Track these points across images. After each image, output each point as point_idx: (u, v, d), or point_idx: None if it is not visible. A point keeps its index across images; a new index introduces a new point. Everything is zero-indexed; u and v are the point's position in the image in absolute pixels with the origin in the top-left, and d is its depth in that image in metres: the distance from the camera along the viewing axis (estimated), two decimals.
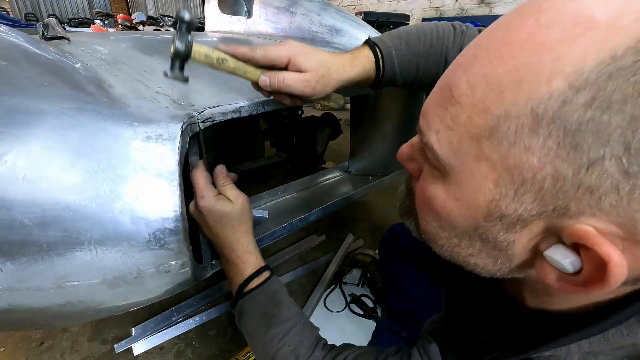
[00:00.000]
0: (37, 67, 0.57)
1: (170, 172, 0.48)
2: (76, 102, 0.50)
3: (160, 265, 0.51)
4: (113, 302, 0.54)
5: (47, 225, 0.44)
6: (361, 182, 1.21)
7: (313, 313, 1.03)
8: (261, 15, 1.27)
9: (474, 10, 3.35)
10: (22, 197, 0.43)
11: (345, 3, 4.49)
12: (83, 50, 0.78)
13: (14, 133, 0.44)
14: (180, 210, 0.49)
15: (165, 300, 0.65)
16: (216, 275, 0.67)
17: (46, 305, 0.50)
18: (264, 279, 0.60)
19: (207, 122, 0.56)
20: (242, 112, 0.60)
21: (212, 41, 1.19)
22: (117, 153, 0.47)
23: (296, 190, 1.13)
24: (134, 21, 5.29)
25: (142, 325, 0.95)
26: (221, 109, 0.57)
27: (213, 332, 0.98)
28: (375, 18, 3.02)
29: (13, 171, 0.43)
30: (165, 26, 4.75)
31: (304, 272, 1.21)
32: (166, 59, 0.81)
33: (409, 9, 3.80)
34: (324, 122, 1.63)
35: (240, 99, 0.62)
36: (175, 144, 0.49)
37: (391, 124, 1.19)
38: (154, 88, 0.62)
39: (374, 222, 1.57)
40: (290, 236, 0.91)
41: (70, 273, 0.47)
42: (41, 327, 0.94)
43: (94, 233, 0.46)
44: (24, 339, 0.95)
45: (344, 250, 1.31)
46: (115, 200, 0.46)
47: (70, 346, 0.93)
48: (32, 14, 7.50)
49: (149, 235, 0.48)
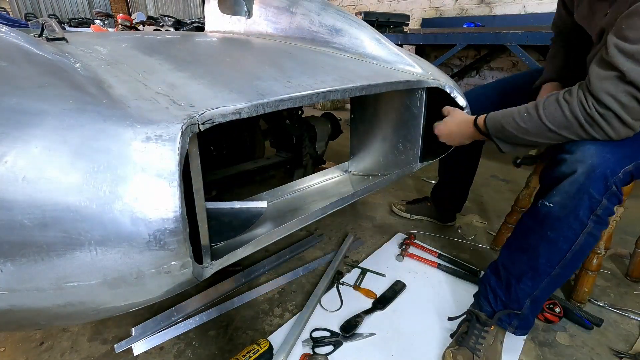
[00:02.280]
0: (37, 67, 0.57)
1: (170, 173, 0.48)
2: (76, 103, 0.50)
3: (160, 265, 0.51)
4: (113, 303, 0.54)
5: (47, 226, 0.44)
6: (361, 182, 1.21)
7: (313, 313, 1.03)
8: (261, 15, 1.27)
9: (474, 10, 3.34)
10: (22, 197, 0.43)
11: (345, 3, 4.49)
12: (83, 50, 0.78)
13: (14, 134, 0.44)
14: (180, 211, 0.49)
15: (165, 300, 0.65)
16: (216, 275, 0.67)
17: (46, 305, 0.50)
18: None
19: (207, 124, 0.56)
20: (242, 113, 0.60)
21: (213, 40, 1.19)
22: (117, 154, 0.47)
23: (296, 190, 1.13)
24: (134, 21, 5.29)
25: (142, 325, 0.96)
26: (221, 111, 0.57)
27: (213, 332, 0.98)
28: (375, 18, 3.01)
29: (13, 172, 0.43)
30: (165, 26, 4.75)
31: (304, 272, 1.21)
32: (166, 59, 0.81)
33: (409, 9, 3.79)
34: (324, 122, 1.63)
35: (240, 100, 0.61)
36: (175, 145, 0.49)
37: (391, 124, 1.19)
38: (154, 88, 0.62)
39: (374, 222, 1.57)
40: (290, 236, 0.91)
41: (71, 274, 0.47)
42: (41, 328, 0.94)
43: (94, 234, 0.46)
44: (24, 339, 0.95)
45: (344, 250, 1.31)
46: (115, 201, 0.46)
47: (70, 346, 0.93)
48: (32, 14, 7.50)
49: (149, 236, 0.48)
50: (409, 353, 0.92)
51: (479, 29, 2.79)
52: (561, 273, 0.80)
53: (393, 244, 1.40)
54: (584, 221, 0.73)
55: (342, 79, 0.83)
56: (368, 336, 0.96)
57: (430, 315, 1.04)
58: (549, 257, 0.79)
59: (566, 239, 0.76)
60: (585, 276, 1.06)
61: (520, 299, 0.84)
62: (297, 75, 0.80)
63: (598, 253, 1.04)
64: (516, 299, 0.84)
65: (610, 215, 0.74)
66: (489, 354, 0.86)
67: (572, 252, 0.76)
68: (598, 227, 0.74)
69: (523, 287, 0.83)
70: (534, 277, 0.81)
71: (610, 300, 1.11)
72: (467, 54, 3.48)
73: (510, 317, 0.86)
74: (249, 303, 1.08)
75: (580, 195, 0.71)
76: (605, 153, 0.70)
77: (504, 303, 0.86)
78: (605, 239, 1.03)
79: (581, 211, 0.72)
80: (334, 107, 3.95)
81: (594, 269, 1.04)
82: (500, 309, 0.87)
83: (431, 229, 1.52)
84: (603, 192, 0.71)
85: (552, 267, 0.79)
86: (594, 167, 0.70)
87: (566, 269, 0.79)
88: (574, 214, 0.73)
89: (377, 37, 1.09)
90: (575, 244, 0.76)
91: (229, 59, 0.92)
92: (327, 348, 0.92)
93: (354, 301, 1.09)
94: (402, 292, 1.13)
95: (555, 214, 0.75)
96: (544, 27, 2.22)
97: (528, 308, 0.85)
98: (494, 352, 0.87)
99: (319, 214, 0.85)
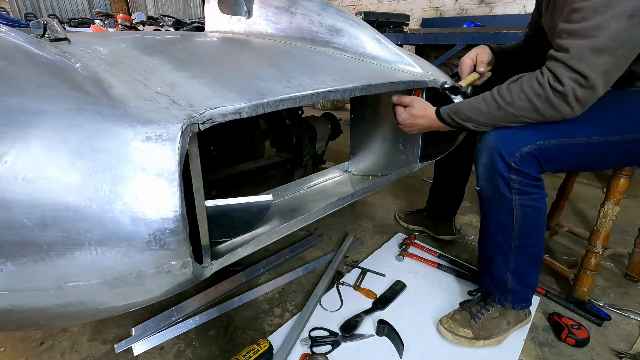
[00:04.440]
0: (37, 67, 0.57)
1: (170, 173, 0.48)
2: (76, 103, 0.50)
3: (160, 265, 0.51)
4: (113, 303, 0.54)
5: (47, 225, 0.44)
6: (361, 182, 1.21)
7: (313, 313, 1.03)
8: (261, 15, 1.27)
9: (473, 10, 3.34)
10: (22, 197, 0.43)
11: (345, 3, 4.49)
12: (83, 50, 0.78)
13: (14, 133, 0.44)
14: (181, 211, 0.49)
15: (165, 300, 0.65)
16: (216, 275, 0.67)
17: (46, 305, 0.50)
18: None
19: (207, 124, 0.56)
20: (242, 113, 0.60)
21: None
22: (117, 153, 0.47)
23: (296, 190, 1.13)
24: (134, 21, 5.28)
25: (142, 325, 0.95)
26: (221, 110, 0.57)
27: (213, 332, 0.98)
28: (375, 18, 3.01)
29: (13, 171, 0.43)
30: (165, 26, 4.74)
31: (304, 272, 1.21)
32: (166, 58, 0.81)
33: (409, 9, 3.80)
34: (324, 122, 1.64)
35: (240, 100, 0.61)
36: (175, 145, 0.49)
37: (391, 124, 1.19)
38: (154, 88, 0.62)
39: (374, 222, 1.57)
40: (290, 236, 0.91)
41: (71, 273, 0.47)
42: (41, 328, 0.94)
43: (94, 233, 0.46)
44: (24, 339, 0.95)
45: (344, 250, 1.31)
46: (115, 201, 0.46)
47: (70, 346, 0.93)
48: (32, 14, 7.50)
49: (149, 236, 0.48)
50: (408, 353, 0.92)
51: (479, 29, 2.79)
52: (522, 244, 0.88)
53: (393, 244, 1.40)
54: (507, 196, 0.83)
55: (342, 79, 0.83)
56: (369, 336, 0.96)
57: (430, 315, 1.04)
58: (502, 233, 0.88)
59: (505, 213, 0.86)
60: (584, 275, 1.06)
61: (500, 275, 0.92)
62: (297, 75, 0.80)
63: (596, 252, 1.03)
64: (497, 277, 0.93)
65: (534, 188, 0.82)
66: (489, 325, 0.94)
67: (517, 224, 0.85)
68: (525, 197, 0.82)
69: (497, 265, 0.92)
70: (501, 252, 0.91)
71: (610, 300, 1.11)
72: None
73: (503, 293, 0.94)
74: (249, 303, 1.08)
75: (492, 175, 0.83)
76: (503, 137, 0.81)
77: (495, 284, 0.95)
78: (602, 238, 1.03)
79: (501, 188, 0.83)
80: (334, 107, 3.95)
81: (592, 268, 1.04)
82: (494, 289, 0.95)
83: (426, 233, 1.51)
84: (507, 169, 0.80)
85: (507, 240, 0.88)
86: (492, 150, 0.81)
87: (525, 240, 0.87)
88: (497, 192, 0.84)
89: (377, 37, 1.09)
90: (514, 216, 0.85)
91: (229, 59, 0.92)
92: (325, 347, 0.92)
93: (354, 301, 1.09)
94: (402, 292, 1.13)
95: (487, 195, 0.87)
96: None
97: (512, 281, 0.92)
98: (496, 325, 0.94)
99: (319, 214, 0.85)
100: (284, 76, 0.78)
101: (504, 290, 0.94)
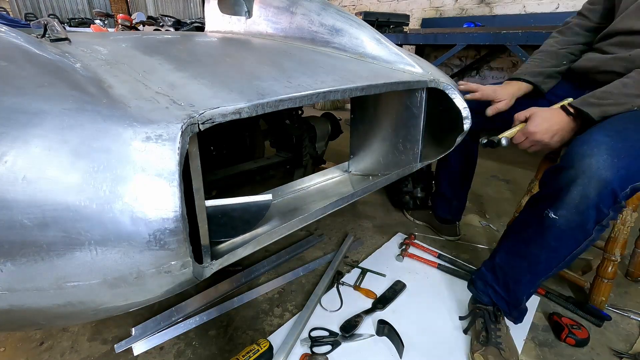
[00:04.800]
0: (37, 67, 0.57)
1: (170, 173, 0.48)
2: (76, 103, 0.50)
3: (160, 265, 0.51)
4: (113, 303, 0.54)
5: (47, 225, 0.44)
6: (361, 182, 1.21)
7: (313, 313, 1.03)
8: (261, 15, 1.27)
9: (474, 10, 3.34)
10: (22, 197, 0.43)
11: (345, 3, 4.49)
12: (83, 50, 0.78)
13: (14, 133, 0.44)
14: (180, 211, 0.49)
15: (165, 300, 0.65)
16: (216, 275, 0.67)
17: (46, 305, 0.50)
18: None
19: (207, 124, 0.56)
20: (242, 113, 0.60)
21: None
22: (117, 153, 0.47)
23: (296, 190, 1.13)
24: (134, 21, 5.28)
25: (142, 325, 0.95)
26: (221, 110, 0.57)
27: (213, 332, 0.98)
28: (375, 18, 3.01)
29: (13, 171, 0.43)
30: (165, 26, 4.74)
31: (304, 272, 1.21)
32: (166, 58, 0.81)
33: (409, 9, 3.79)
34: (324, 122, 1.64)
35: (240, 100, 0.61)
36: (175, 145, 0.49)
37: (391, 124, 1.19)
38: (154, 88, 0.62)
39: (374, 222, 1.57)
40: (290, 236, 0.91)
41: (71, 274, 0.47)
42: (41, 328, 0.94)
43: (94, 233, 0.46)
44: (24, 339, 0.95)
45: (344, 250, 1.31)
46: (115, 201, 0.46)
47: (70, 346, 0.93)
48: (32, 14, 7.49)
49: (149, 236, 0.48)
50: (408, 353, 0.92)
51: (479, 29, 2.79)
52: (555, 271, 0.85)
53: (393, 244, 1.40)
54: (589, 232, 0.73)
55: (342, 79, 0.83)
56: (368, 336, 0.96)
57: (430, 316, 1.04)
58: (549, 262, 0.81)
59: (568, 247, 0.77)
60: (601, 284, 1.03)
61: (519, 297, 0.89)
62: (297, 75, 0.80)
63: (613, 260, 1.00)
64: (514, 296, 0.90)
65: (612, 220, 0.75)
66: (509, 344, 0.90)
67: (571, 256, 0.79)
68: (599, 233, 0.75)
69: (522, 289, 0.88)
70: (532, 280, 0.86)
71: (611, 300, 1.11)
72: (467, 54, 3.48)
73: (511, 309, 0.92)
74: (249, 303, 1.08)
75: (587, 209, 0.70)
76: (620, 169, 0.67)
77: (506, 301, 0.91)
78: (620, 246, 0.99)
79: (589, 223, 0.72)
80: (334, 107, 3.95)
81: (609, 276, 1.01)
82: (502, 304, 0.92)
83: (431, 229, 1.52)
84: (611, 206, 0.69)
85: (550, 270, 0.83)
86: (604, 182, 0.67)
87: (560, 268, 0.84)
88: (581, 228, 0.72)
89: (377, 37, 1.09)
90: (576, 250, 0.77)
91: (229, 59, 0.92)
92: (325, 347, 0.92)
93: (354, 301, 1.09)
94: (402, 292, 1.13)
95: (561, 227, 0.74)
96: (544, 27, 2.22)
97: (524, 301, 0.91)
98: (510, 340, 0.92)
99: (319, 214, 0.85)
100: (284, 76, 0.78)
101: (513, 307, 0.91)
